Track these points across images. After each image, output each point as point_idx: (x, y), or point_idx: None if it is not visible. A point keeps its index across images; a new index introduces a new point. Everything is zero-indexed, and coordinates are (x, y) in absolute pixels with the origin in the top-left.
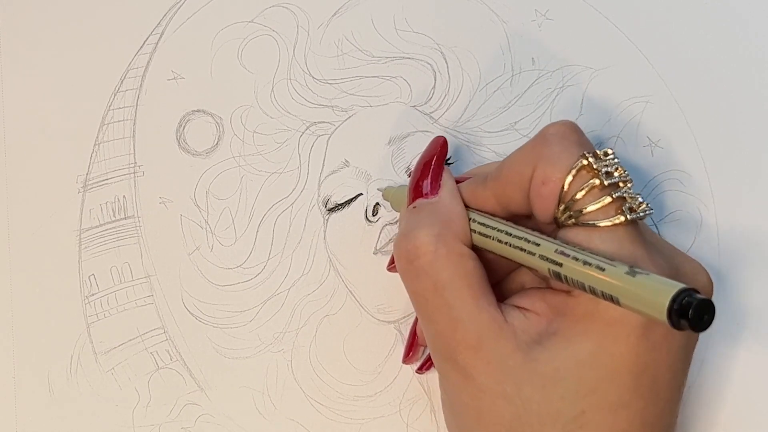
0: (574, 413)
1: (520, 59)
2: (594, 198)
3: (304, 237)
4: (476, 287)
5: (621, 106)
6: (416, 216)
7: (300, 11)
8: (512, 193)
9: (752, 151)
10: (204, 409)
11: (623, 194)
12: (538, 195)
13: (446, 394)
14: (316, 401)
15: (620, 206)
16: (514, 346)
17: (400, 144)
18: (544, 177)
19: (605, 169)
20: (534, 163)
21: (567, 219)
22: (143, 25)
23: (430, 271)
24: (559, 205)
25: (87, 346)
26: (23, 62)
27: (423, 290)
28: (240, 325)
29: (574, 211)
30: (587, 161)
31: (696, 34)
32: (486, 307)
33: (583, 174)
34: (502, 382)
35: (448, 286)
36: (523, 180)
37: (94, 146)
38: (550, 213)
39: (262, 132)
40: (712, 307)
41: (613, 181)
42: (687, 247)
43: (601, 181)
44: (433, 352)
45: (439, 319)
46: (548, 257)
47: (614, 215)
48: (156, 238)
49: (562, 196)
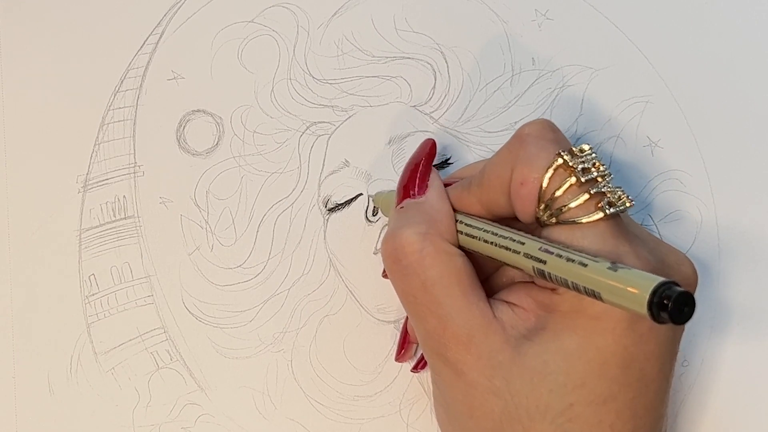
0: (562, 406)
1: (520, 59)
2: (573, 195)
3: (304, 237)
4: (465, 283)
5: (621, 106)
6: (403, 215)
7: (300, 11)
8: (495, 197)
9: (752, 151)
10: (204, 409)
11: (602, 189)
12: (517, 196)
13: (438, 390)
14: (316, 401)
15: (599, 201)
16: (503, 341)
17: (400, 144)
18: (522, 178)
19: (581, 166)
20: (512, 165)
21: (548, 218)
22: (143, 25)
23: (418, 269)
24: (539, 205)
25: (87, 346)
26: (23, 62)
27: (412, 289)
28: (240, 325)
29: (554, 210)
30: (563, 159)
31: (696, 34)
32: (476, 302)
33: (560, 172)
34: (491, 377)
35: (437, 284)
36: (503, 183)
37: (94, 146)
38: (531, 213)
39: (262, 132)
40: (692, 299)
41: (590, 177)
42: (687, 247)
43: (578, 178)
44: (425, 350)
45: (428, 317)
46: (532, 255)
47: (594, 211)
48: (156, 238)
49: (541, 195)
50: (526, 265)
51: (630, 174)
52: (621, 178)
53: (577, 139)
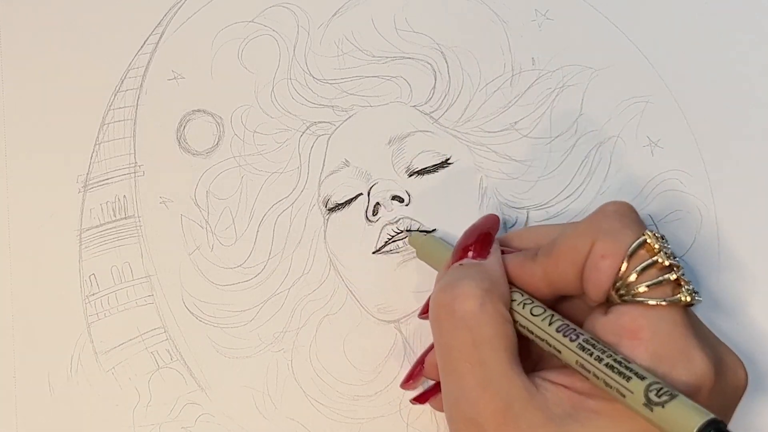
0: None
1: (520, 59)
2: (651, 277)
3: (304, 237)
4: (511, 352)
5: (621, 106)
6: (464, 271)
7: (300, 11)
8: (564, 269)
9: (752, 151)
10: (204, 409)
11: (679, 276)
12: (595, 269)
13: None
14: (316, 401)
15: (677, 288)
16: (546, 417)
17: (400, 144)
18: (604, 251)
19: (665, 250)
20: (593, 238)
21: (620, 296)
22: (144, 25)
23: (473, 324)
24: (615, 282)
25: (87, 346)
26: (23, 62)
27: (459, 343)
28: (240, 324)
29: (630, 288)
30: (649, 239)
31: (696, 34)
32: (519, 373)
33: (641, 252)
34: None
35: (487, 344)
36: (578, 255)
37: (95, 146)
38: (605, 289)
39: (262, 132)
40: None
41: (673, 262)
42: (687, 247)
43: (662, 260)
44: (451, 410)
45: (468, 376)
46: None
47: (671, 295)
48: (156, 237)
49: (620, 272)
50: (570, 362)
51: (630, 174)
52: (621, 178)
53: (578, 139)
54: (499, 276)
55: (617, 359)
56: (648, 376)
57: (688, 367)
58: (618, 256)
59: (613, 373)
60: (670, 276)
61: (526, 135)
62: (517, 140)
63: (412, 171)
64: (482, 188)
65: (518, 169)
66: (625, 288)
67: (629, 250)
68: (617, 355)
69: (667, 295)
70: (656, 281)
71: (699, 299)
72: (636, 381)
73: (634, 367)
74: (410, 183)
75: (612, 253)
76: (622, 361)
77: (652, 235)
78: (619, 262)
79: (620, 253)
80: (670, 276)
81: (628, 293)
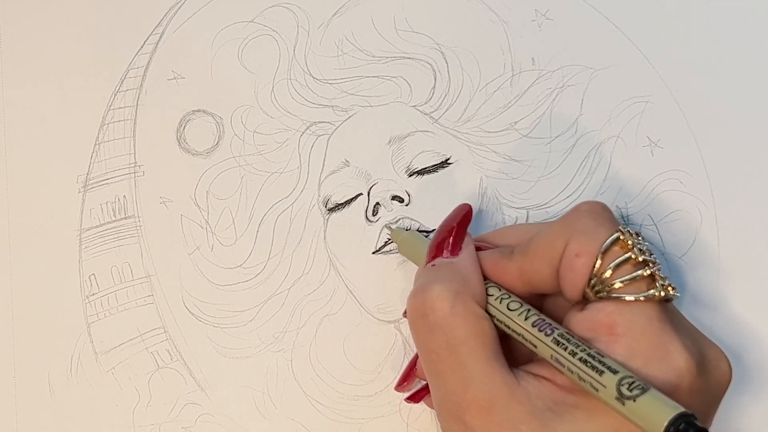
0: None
1: (520, 59)
2: (626, 273)
3: (304, 237)
4: (490, 349)
5: (621, 106)
6: (435, 272)
7: (300, 11)
8: (540, 267)
9: (752, 151)
10: (204, 409)
11: (654, 271)
12: (570, 268)
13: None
14: (316, 401)
15: (652, 283)
16: (528, 412)
17: (400, 144)
18: (578, 249)
19: (638, 246)
20: (567, 237)
21: (596, 294)
22: (143, 25)
23: (446, 327)
24: (590, 279)
25: (87, 346)
26: (23, 62)
27: (436, 346)
28: (240, 324)
29: (605, 284)
30: (622, 236)
31: (696, 35)
32: (499, 369)
33: (615, 249)
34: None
35: (463, 344)
36: (553, 254)
37: (95, 146)
38: (581, 287)
39: (262, 132)
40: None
41: (647, 258)
42: (687, 247)
43: (636, 256)
44: (440, 411)
45: (450, 377)
46: (552, 355)
47: (646, 291)
48: (156, 237)
49: (594, 269)
50: (545, 356)
51: (630, 174)
52: (621, 178)
53: (578, 139)
54: (471, 273)
55: (591, 353)
56: (621, 370)
57: (666, 361)
58: (592, 254)
59: (587, 367)
60: (644, 272)
61: (526, 135)
62: (517, 140)
63: (412, 171)
64: (482, 188)
65: (518, 169)
66: (601, 284)
67: (603, 247)
68: (591, 349)
69: (642, 291)
70: (630, 277)
71: (676, 294)
72: (609, 375)
73: (608, 361)
74: (410, 183)
75: (586, 251)
76: (595, 355)
77: (626, 231)
78: (593, 260)
79: (594, 251)
80: (644, 272)
81: (604, 290)
